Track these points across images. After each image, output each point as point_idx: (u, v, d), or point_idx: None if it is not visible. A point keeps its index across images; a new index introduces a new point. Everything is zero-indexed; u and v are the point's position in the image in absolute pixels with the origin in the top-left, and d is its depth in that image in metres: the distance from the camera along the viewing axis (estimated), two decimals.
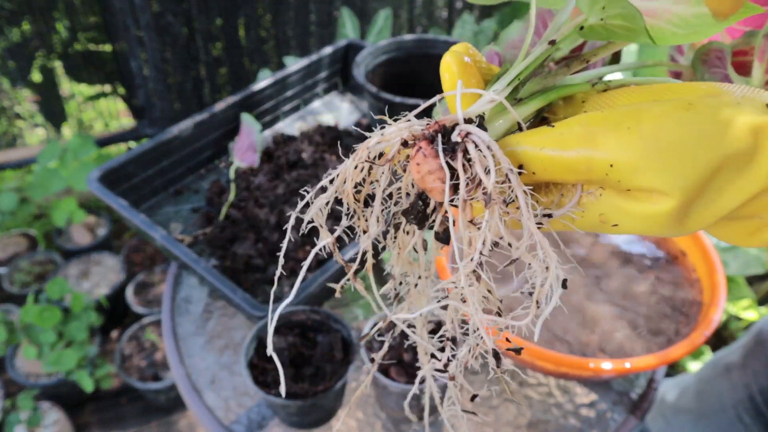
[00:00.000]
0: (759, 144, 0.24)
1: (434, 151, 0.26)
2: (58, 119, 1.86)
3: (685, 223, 0.26)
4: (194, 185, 1.11)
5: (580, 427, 0.80)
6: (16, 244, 1.86)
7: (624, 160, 0.25)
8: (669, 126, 0.25)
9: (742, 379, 0.94)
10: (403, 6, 2.08)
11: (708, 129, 0.24)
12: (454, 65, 0.30)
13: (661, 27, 0.28)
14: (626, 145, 0.25)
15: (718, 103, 0.25)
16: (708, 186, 0.25)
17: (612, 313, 0.82)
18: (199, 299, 0.96)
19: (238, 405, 0.82)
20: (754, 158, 0.24)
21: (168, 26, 1.65)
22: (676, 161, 0.24)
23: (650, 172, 0.24)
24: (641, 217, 0.26)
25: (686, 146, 0.24)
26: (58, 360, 1.45)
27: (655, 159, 0.24)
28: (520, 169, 0.27)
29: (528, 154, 0.27)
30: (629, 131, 0.25)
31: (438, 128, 0.27)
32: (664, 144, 0.24)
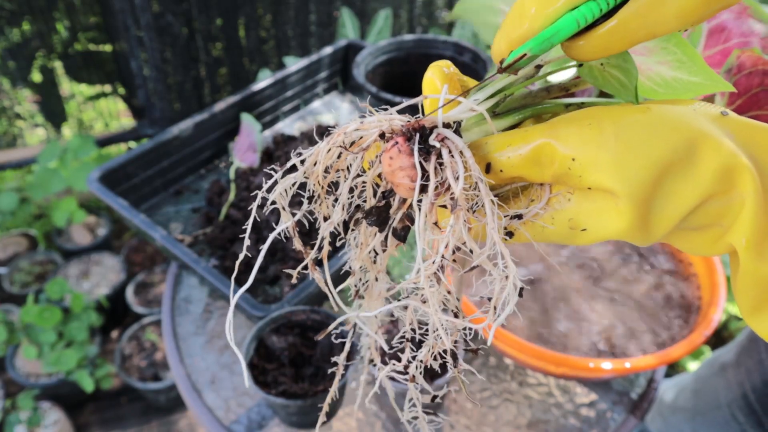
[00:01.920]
0: (698, 147, 0.26)
1: (409, 148, 0.27)
2: (58, 119, 1.86)
3: (648, 228, 0.26)
4: (194, 185, 1.11)
5: (580, 427, 0.80)
6: (16, 244, 1.86)
7: (585, 154, 0.26)
8: (626, 125, 0.26)
9: (736, 377, 0.94)
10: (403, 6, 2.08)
11: (660, 131, 0.26)
12: (437, 78, 0.31)
13: (643, 83, 0.30)
14: (587, 139, 0.26)
15: (674, 109, 0.27)
16: (660, 188, 0.26)
17: (611, 313, 0.83)
18: (199, 299, 0.96)
19: (238, 405, 0.82)
20: (695, 161, 0.26)
21: (168, 26, 1.65)
22: (631, 158, 0.25)
23: (607, 167, 0.25)
24: (604, 221, 0.27)
25: (640, 145, 0.25)
26: (58, 360, 1.45)
27: (612, 154, 0.25)
28: (488, 168, 0.28)
29: (494, 151, 0.27)
30: (590, 127, 0.26)
31: (417, 127, 0.27)
32: (621, 141, 0.25)
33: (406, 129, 0.27)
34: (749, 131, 0.27)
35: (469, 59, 1.16)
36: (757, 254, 0.26)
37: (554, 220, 0.28)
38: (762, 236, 0.26)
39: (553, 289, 0.85)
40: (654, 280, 0.87)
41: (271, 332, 0.76)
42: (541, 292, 0.85)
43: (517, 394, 0.83)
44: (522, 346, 0.71)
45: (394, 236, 0.30)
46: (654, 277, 0.87)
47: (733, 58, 0.35)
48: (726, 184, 0.26)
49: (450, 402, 0.82)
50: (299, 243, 0.32)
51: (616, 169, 0.25)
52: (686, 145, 0.25)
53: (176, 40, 1.69)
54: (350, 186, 0.30)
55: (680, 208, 0.26)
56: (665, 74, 0.29)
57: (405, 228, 0.30)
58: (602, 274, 0.88)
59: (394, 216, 0.30)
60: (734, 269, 0.28)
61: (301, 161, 0.29)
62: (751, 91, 0.35)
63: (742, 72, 0.35)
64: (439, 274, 0.27)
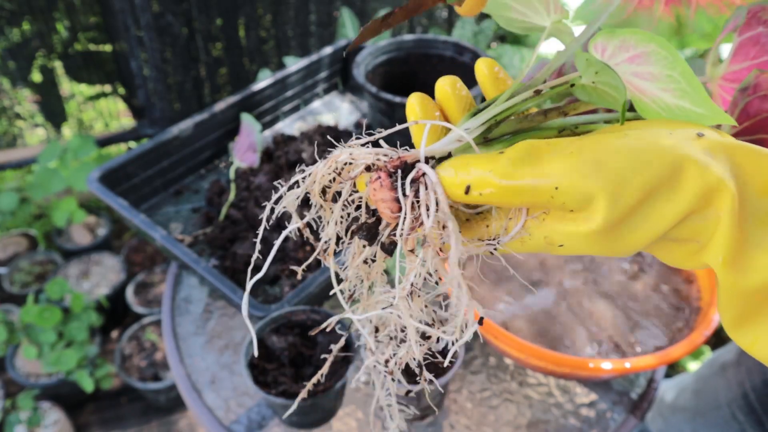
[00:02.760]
0: (682, 171, 0.26)
1: (390, 184, 0.29)
2: (58, 119, 1.86)
3: (621, 244, 0.27)
4: (194, 185, 1.11)
5: (580, 427, 0.80)
6: (16, 244, 1.86)
7: (568, 183, 0.26)
8: (607, 152, 0.26)
9: (737, 376, 0.94)
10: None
11: (641, 156, 0.26)
12: (417, 107, 0.32)
13: (647, 104, 0.31)
14: (570, 168, 0.26)
15: (652, 133, 0.27)
16: (639, 209, 0.26)
17: (611, 313, 0.83)
18: (199, 299, 0.96)
19: (238, 405, 0.82)
20: (678, 185, 0.26)
21: (168, 26, 1.65)
22: (611, 184, 0.26)
23: (589, 195, 0.26)
24: (581, 237, 0.27)
25: (620, 171, 0.26)
26: (58, 360, 1.45)
27: (594, 180, 0.26)
28: (467, 190, 0.28)
29: (476, 177, 0.28)
30: (571, 155, 0.27)
31: (399, 165, 0.29)
32: (603, 167, 0.26)
33: (390, 166, 0.29)
34: (727, 150, 0.27)
35: (469, 59, 1.16)
36: (733, 270, 0.27)
37: (531, 236, 0.29)
38: (736, 252, 0.26)
39: (553, 289, 0.85)
40: (654, 280, 0.87)
41: (271, 332, 0.76)
42: (540, 292, 0.85)
43: (517, 394, 0.83)
44: (522, 346, 0.71)
45: (382, 250, 0.33)
46: (654, 277, 0.87)
47: (752, 77, 0.35)
48: (704, 203, 0.26)
49: (450, 402, 0.82)
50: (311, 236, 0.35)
51: (600, 195, 0.26)
52: (669, 168, 0.26)
53: (176, 40, 1.69)
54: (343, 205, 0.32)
55: (658, 227, 0.27)
56: (668, 101, 0.30)
57: (392, 243, 0.32)
58: (602, 274, 0.88)
59: (382, 232, 0.32)
60: (717, 285, 0.29)
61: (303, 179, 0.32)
62: (761, 116, 0.35)
63: (757, 93, 0.35)
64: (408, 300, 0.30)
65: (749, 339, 0.28)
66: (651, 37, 0.28)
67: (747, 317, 0.28)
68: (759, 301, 0.27)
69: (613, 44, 0.29)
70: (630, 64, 0.29)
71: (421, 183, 0.29)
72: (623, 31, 0.28)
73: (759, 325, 0.27)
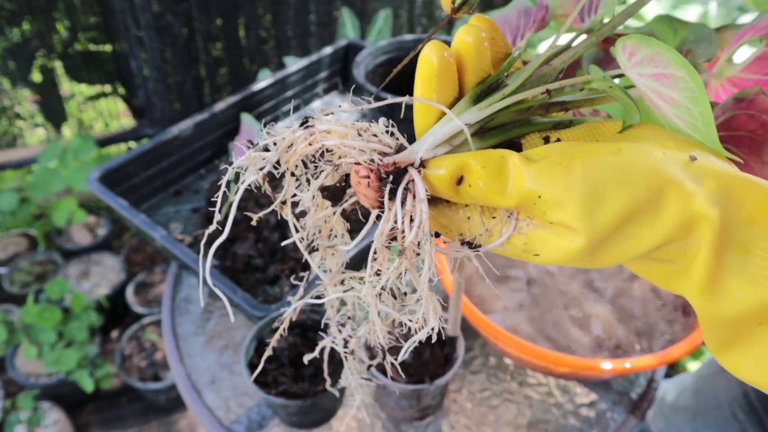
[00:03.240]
0: (665, 197, 0.26)
1: (378, 186, 0.28)
2: (58, 119, 1.86)
3: (597, 259, 0.27)
4: (194, 185, 1.11)
5: (580, 427, 0.80)
6: (16, 244, 1.86)
7: (551, 193, 0.26)
8: (596, 167, 0.26)
9: None
10: (403, 6, 2.08)
11: (629, 176, 0.26)
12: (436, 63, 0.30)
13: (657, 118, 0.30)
14: (556, 179, 0.26)
15: (645, 152, 0.27)
16: (618, 229, 0.26)
17: (611, 313, 0.83)
18: (199, 299, 0.96)
19: (238, 405, 0.82)
20: (659, 210, 0.26)
21: (168, 26, 1.65)
22: (597, 203, 0.26)
23: (570, 209, 0.26)
24: (557, 250, 0.27)
25: (606, 189, 0.26)
26: (58, 360, 1.45)
27: (578, 196, 0.26)
28: (459, 181, 0.28)
29: (472, 168, 0.28)
30: (560, 166, 0.26)
31: (392, 171, 0.28)
32: (589, 184, 0.26)
33: (381, 170, 0.28)
34: (717, 177, 0.27)
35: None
36: (707, 298, 0.27)
37: (509, 242, 0.29)
38: (714, 282, 0.26)
39: (552, 290, 0.85)
40: None
41: (271, 332, 0.76)
42: (540, 292, 0.85)
43: (517, 394, 0.83)
44: (522, 346, 0.71)
45: (342, 216, 0.32)
46: None
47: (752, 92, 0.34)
48: (685, 232, 0.26)
49: (450, 402, 0.82)
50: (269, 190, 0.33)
51: (581, 211, 0.26)
52: (653, 192, 0.26)
53: (176, 40, 1.69)
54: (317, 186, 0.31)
55: (635, 249, 0.27)
56: (679, 127, 0.30)
57: (353, 211, 0.32)
58: (602, 275, 0.88)
59: (347, 198, 0.31)
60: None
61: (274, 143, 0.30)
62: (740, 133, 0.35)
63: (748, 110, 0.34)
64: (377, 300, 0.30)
65: (731, 362, 0.28)
66: (685, 64, 0.27)
67: (727, 343, 0.28)
68: (736, 328, 0.27)
69: (643, 53, 0.29)
70: (654, 80, 0.28)
71: (410, 192, 0.28)
72: (659, 45, 0.28)
73: (738, 349, 0.28)
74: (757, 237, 0.27)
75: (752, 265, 0.26)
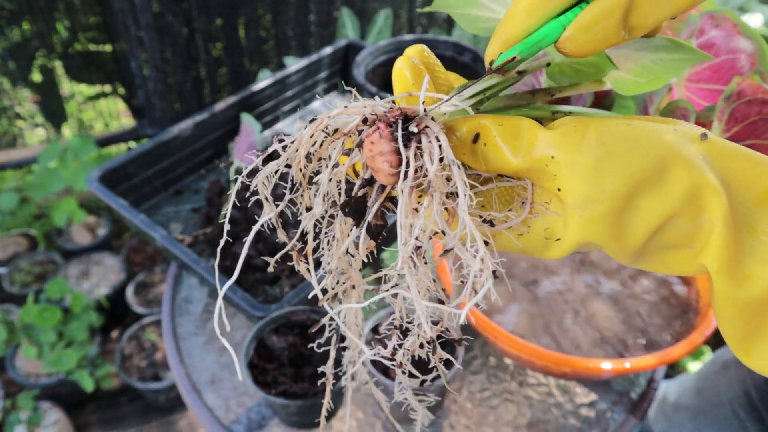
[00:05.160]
0: (671, 169, 0.26)
1: (390, 134, 0.27)
2: (58, 119, 1.86)
3: (618, 237, 0.27)
4: (194, 185, 1.11)
5: (580, 427, 0.80)
6: (16, 244, 1.86)
7: (564, 155, 0.26)
8: (609, 133, 0.26)
9: (739, 374, 0.95)
10: (403, 6, 2.08)
11: (640, 145, 0.26)
12: (407, 71, 0.31)
13: (624, 77, 0.31)
14: (569, 141, 0.26)
15: (656, 125, 0.27)
16: (631, 201, 0.26)
17: (611, 313, 0.83)
18: (199, 299, 0.96)
19: (238, 405, 0.82)
20: (665, 182, 0.26)
21: (168, 26, 1.65)
22: (609, 167, 0.26)
23: (584, 172, 0.26)
24: (579, 226, 0.27)
25: (619, 156, 0.26)
26: (58, 360, 1.45)
27: (591, 160, 0.26)
28: (476, 138, 0.28)
29: (488, 127, 0.28)
30: (575, 130, 0.26)
31: (400, 114, 0.28)
32: (602, 149, 0.26)
33: (389, 115, 0.28)
34: (727, 156, 0.27)
35: (469, 59, 1.16)
36: (730, 279, 0.26)
37: (530, 229, 0.29)
38: (732, 260, 0.26)
39: (552, 290, 0.85)
40: (654, 281, 0.87)
41: (271, 332, 0.76)
42: (540, 292, 0.85)
43: (517, 394, 0.83)
44: (522, 346, 0.71)
45: (367, 233, 0.30)
46: (654, 278, 0.87)
47: (734, 85, 0.36)
48: (694, 207, 0.26)
49: (450, 402, 0.82)
50: (282, 234, 0.32)
51: (592, 174, 0.26)
52: (661, 162, 0.26)
53: (176, 40, 1.69)
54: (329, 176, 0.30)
55: (648, 222, 0.26)
56: (645, 59, 0.30)
57: (378, 226, 0.30)
58: (602, 275, 0.88)
59: (370, 209, 0.30)
60: (713, 295, 0.28)
61: (283, 147, 0.30)
62: (749, 119, 0.36)
63: (741, 99, 0.36)
64: (414, 258, 0.27)
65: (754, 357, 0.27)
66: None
67: (752, 334, 0.27)
68: (758, 315, 0.26)
69: None
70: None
71: (423, 134, 0.27)
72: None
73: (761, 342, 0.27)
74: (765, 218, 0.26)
75: (762, 245, 0.26)
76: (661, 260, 0.29)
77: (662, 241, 0.27)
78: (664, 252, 0.28)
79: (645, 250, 0.28)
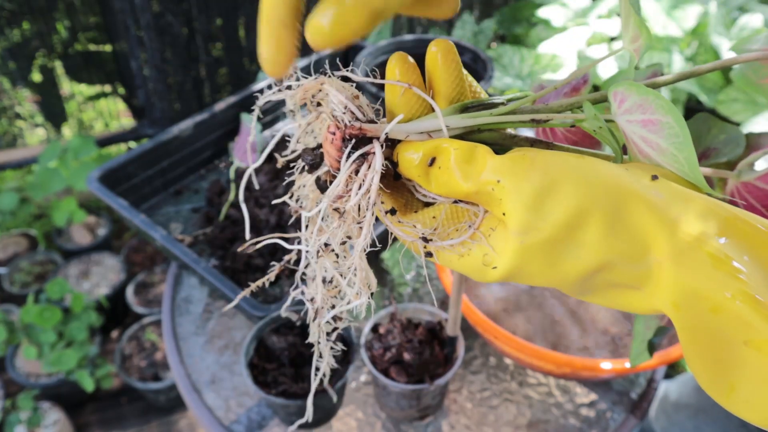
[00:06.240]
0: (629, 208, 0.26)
1: (340, 146, 0.30)
2: (58, 119, 1.86)
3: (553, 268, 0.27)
4: (194, 185, 1.11)
5: (580, 427, 0.80)
6: (16, 244, 1.86)
7: (510, 180, 0.26)
8: (558, 162, 0.26)
9: None
10: None
11: (588, 179, 0.26)
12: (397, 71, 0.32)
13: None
14: (517, 168, 0.26)
15: (607, 163, 0.27)
16: (574, 231, 0.26)
17: (611, 313, 0.83)
18: (199, 299, 0.96)
19: (238, 405, 0.82)
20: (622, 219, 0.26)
21: (168, 26, 1.65)
22: (550, 194, 0.26)
23: (526, 198, 0.26)
24: (510, 254, 0.27)
25: (564, 184, 0.26)
26: (58, 360, 1.45)
27: (534, 185, 0.26)
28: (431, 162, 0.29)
29: (445, 150, 0.29)
30: (523, 158, 0.27)
31: (356, 135, 0.30)
32: (547, 176, 0.26)
33: (346, 132, 0.30)
34: (676, 197, 0.26)
35: (469, 59, 1.16)
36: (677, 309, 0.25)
37: (470, 252, 0.29)
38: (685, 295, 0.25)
39: (552, 289, 0.85)
40: None
41: (271, 332, 0.76)
42: (540, 292, 0.85)
43: (517, 394, 0.83)
44: (522, 346, 0.71)
45: (316, 184, 0.33)
46: None
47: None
48: (640, 244, 0.25)
49: (450, 402, 0.82)
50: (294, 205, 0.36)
51: (535, 201, 0.26)
52: (608, 196, 0.26)
53: (176, 40, 1.69)
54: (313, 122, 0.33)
55: (587, 257, 0.26)
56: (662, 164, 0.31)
57: (325, 182, 0.33)
58: None
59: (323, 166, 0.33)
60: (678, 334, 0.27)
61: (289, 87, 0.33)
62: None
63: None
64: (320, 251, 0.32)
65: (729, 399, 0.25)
66: (672, 110, 0.27)
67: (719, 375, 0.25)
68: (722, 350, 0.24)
69: (633, 100, 0.29)
70: (642, 127, 0.29)
71: (368, 161, 0.29)
72: (648, 91, 0.28)
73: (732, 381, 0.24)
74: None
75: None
76: (611, 297, 0.28)
77: (608, 279, 0.27)
78: (612, 290, 0.28)
79: (590, 286, 0.28)
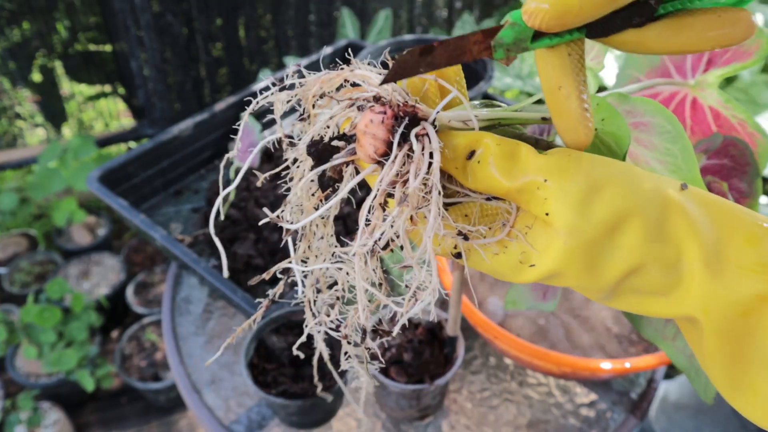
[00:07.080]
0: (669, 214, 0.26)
1: (391, 125, 0.27)
2: (58, 119, 1.86)
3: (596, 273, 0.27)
4: (194, 185, 1.11)
5: (580, 427, 0.80)
6: (16, 244, 1.86)
7: (557, 180, 0.26)
8: (602, 166, 0.27)
9: None
10: (403, 6, 2.08)
11: (632, 181, 0.26)
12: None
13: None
14: (563, 167, 0.27)
15: (645, 171, 0.28)
16: (615, 233, 0.26)
17: (611, 313, 0.83)
18: (199, 299, 0.96)
19: (238, 405, 0.82)
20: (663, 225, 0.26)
21: (168, 26, 1.65)
22: (596, 195, 0.26)
23: (572, 197, 0.26)
24: (551, 254, 0.27)
25: (609, 185, 0.26)
26: (58, 360, 1.45)
27: (581, 185, 0.26)
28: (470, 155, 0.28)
29: (486, 144, 0.28)
30: (569, 158, 0.27)
31: (410, 112, 0.27)
32: (593, 177, 0.26)
33: (400, 111, 0.27)
34: (706, 204, 0.27)
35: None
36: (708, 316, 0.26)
37: (507, 249, 0.29)
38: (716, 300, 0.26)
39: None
40: None
41: (271, 332, 0.76)
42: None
43: (517, 394, 0.83)
44: (522, 346, 0.71)
45: (319, 181, 0.30)
46: None
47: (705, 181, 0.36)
48: (676, 253, 0.26)
49: (450, 402, 0.82)
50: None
51: (581, 203, 0.26)
52: (652, 204, 0.26)
53: (176, 40, 1.69)
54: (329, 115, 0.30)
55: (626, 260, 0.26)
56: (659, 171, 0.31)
57: (331, 179, 0.30)
58: None
59: (333, 160, 0.29)
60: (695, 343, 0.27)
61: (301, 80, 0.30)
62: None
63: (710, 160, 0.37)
64: (367, 257, 0.27)
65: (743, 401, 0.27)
66: (661, 110, 0.28)
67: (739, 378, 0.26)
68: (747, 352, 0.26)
69: (622, 108, 0.30)
70: (634, 129, 0.29)
71: (420, 142, 0.27)
72: (636, 99, 0.29)
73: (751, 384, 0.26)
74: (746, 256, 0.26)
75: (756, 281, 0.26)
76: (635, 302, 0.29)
77: (636, 284, 0.27)
78: (636, 295, 0.28)
79: (618, 289, 0.28)
